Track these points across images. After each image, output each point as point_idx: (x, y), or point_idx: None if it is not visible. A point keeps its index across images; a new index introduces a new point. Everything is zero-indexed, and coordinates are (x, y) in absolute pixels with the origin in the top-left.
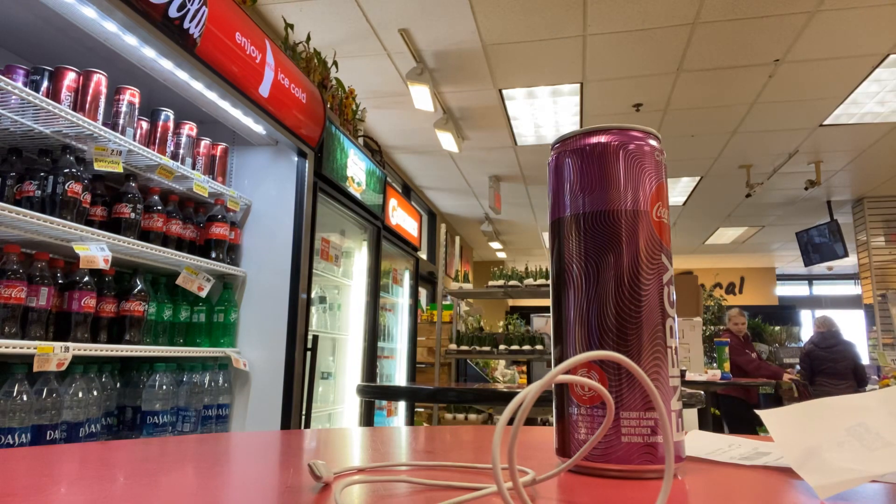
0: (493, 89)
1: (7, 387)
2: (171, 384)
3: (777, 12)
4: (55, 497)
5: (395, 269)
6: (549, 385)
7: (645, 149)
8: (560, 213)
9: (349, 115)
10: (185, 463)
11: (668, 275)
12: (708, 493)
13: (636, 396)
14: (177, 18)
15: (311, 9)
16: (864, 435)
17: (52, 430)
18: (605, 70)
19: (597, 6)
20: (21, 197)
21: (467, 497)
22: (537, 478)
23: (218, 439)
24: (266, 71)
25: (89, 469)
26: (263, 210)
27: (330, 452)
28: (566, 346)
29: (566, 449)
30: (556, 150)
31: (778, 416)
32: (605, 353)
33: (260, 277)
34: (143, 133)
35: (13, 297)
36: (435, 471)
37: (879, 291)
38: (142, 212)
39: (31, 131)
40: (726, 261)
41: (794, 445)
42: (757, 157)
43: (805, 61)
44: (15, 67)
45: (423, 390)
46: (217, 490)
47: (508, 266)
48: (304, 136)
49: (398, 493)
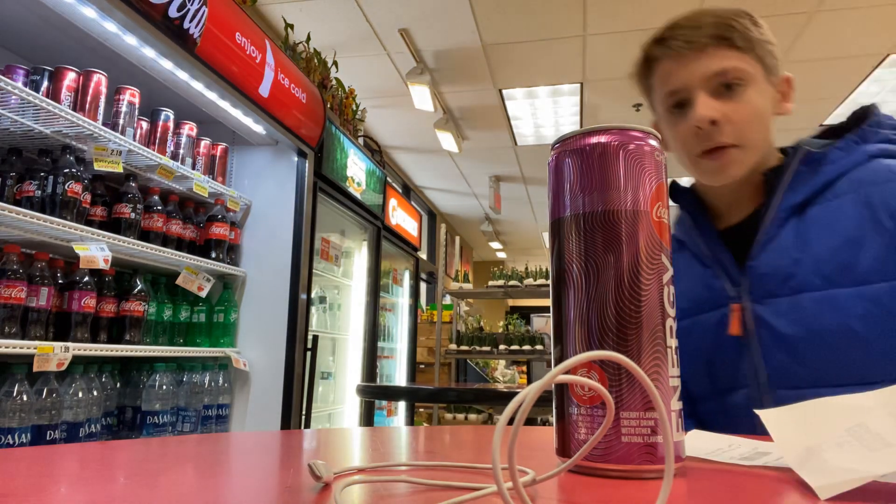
0: (493, 89)
1: (7, 387)
2: (171, 384)
3: (777, 12)
4: (55, 497)
5: (395, 268)
6: (549, 385)
7: (645, 149)
8: (560, 213)
9: (349, 115)
10: (185, 463)
11: (668, 275)
12: (708, 493)
13: (636, 396)
14: (177, 18)
15: (311, 9)
16: (864, 435)
17: (52, 430)
18: (605, 70)
19: (597, 6)
20: (21, 197)
21: (467, 497)
22: (537, 478)
23: (218, 439)
24: (266, 71)
25: (89, 469)
26: (263, 210)
27: (330, 452)
28: (566, 346)
29: (566, 449)
30: (556, 150)
31: (777, 415)
32: (605, 353)
33: (260, 277)
34: (143, 133)
35: (13, 297)
36: (435, 471)
37: None
38: (142, 212)
39: (31, 131)
40: None
41: (793, 445)
42: None
43: (805, 61)
44: (15, 67)
45: (423, 390)
46: (217, 490)
47: (508, 266)
48: (304, 136)
49: (398, 493)
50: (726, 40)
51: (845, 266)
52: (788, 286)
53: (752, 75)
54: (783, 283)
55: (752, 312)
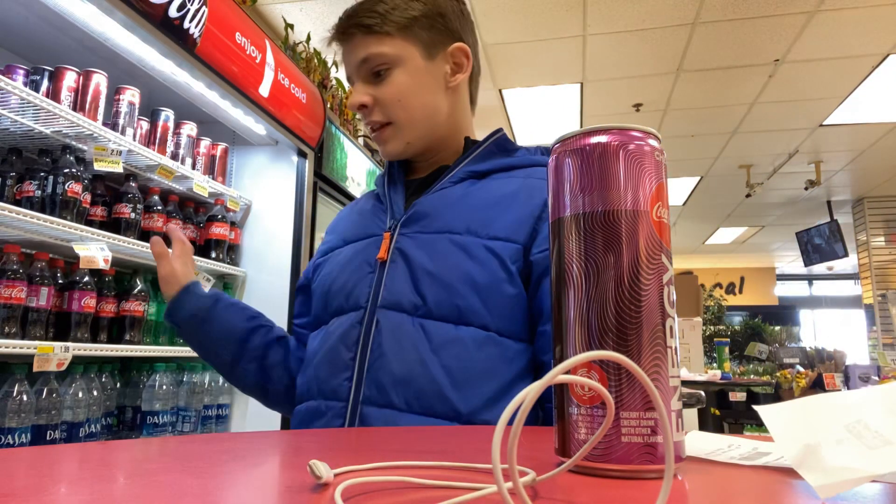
0: (493, 89)
1: (7, 387)
2: (171, 384)
3: (777, 12)
4: (55, 497)
5: None
6: (549, 385)
7: (645, 149)
8: (560, 213)
9: (349, 115)
10: (185, 463)
11: (668, 275)
12: (708, 493)
13: (636, 396)
14: (177, 18)
15: (312, 9)
16: (864, 432)
17: (52, 430)
18: (605, 70)
19: (597, 6)
20: (21, 197)
21: (467, 497)
22: (537, 478)
23: (218, 439)
24: (266, 71)
25: (89, 469)
26: (263, 210)
27: (330, 452)
28: (566, 346)
29: (566, 449)
30: (556, 150)
31: (776, 412)
32: (605, 353)
33: (260, 277)
34: (143, 133)
35: (13, 297)
36: (435, 471)
37: (879, 291)
38: (142, 212)
39: (31, 131)
40: (726, 261)
41: (792, 442)
42: (757, 157)
43: (805, 61)
44: (15, 67)
45: None
46: (217, 490)
47: None
48: (304, 136)
49: (398, 493)
50: (367, 28)
51: (486, 222)
52: (436, 225)
53: (398, 57)
54: (433, 222)
55: (396, 242)
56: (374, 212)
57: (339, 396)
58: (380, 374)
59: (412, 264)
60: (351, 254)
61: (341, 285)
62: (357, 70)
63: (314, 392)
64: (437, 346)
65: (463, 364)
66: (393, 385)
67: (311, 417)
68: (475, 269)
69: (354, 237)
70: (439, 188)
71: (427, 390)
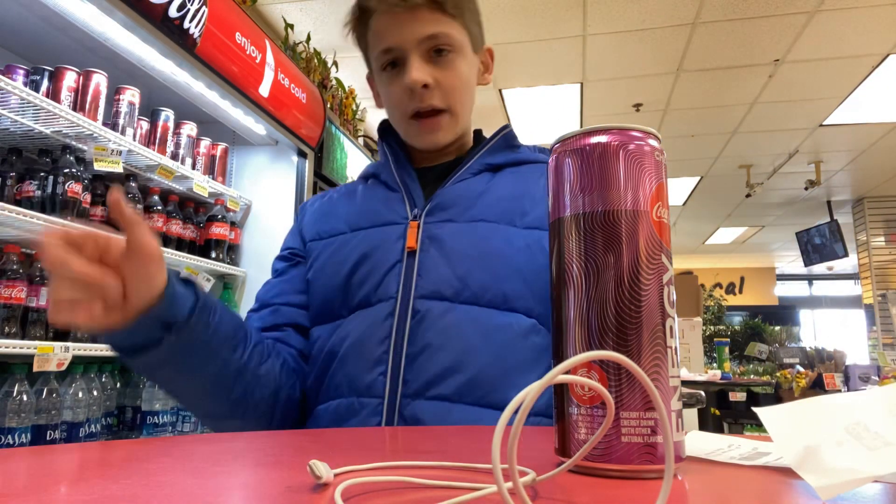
0: (493, 89)
1: (7, 387)
2: None
3: (777, 12)
4: (55, 497)
5: None
6: (549, 385)
7: (645, 149)
8: (560, 213)
9: (349, 115)
10: (185, 463)
11: (668, 275)
12: (708, 493)
13: (636, 396)
14: (177, 18)
15: (312, 9)
16: (864, 434)
17: (52, 430)
18: (605, 70)
19: (597, 6)
20: (21, 197)
21: (467, 497)
22: (537, 478)
23: (218, 439)
24: (266, 71)
25: (89, 469)
26: (263, 210)
27: (330, 452)
28: (566, 346)
29: (566, 449)
30: (556, 150)
31: (776, 413)
32: (605, 353)
33: (260, 277)
34: (143, 133)
35: (13, 297)
36: (435, 471)
37: (879, 291)
38: (142, 212)
39: (31, 131)
40: (726, 261)
41: (792, 444)
42: (757, 157)
43: (805, 61)
44: (15, 67)
45: None
46: (217, 490)
47: None
48: (304, 136)
49: (398, 493)
50: (438, 4)
51: (520, 212)
52: (468, 214)
53: (461, 43)
54: (464, 212)
55: (424, 231)
56: (387, 199)
57: (375, 393)
58: (426, 366)
59: (449, 252)
60: (366, 242)
61: (364, 277)
62: (417, 44)
63: (343, 389)
64: (486, 334)
65: (511, 352)
66: (442, 376)
67: (344, 415)
68: (518, 255)
69: (367, 223)
70: (459, 179)
71: (478, 379)
